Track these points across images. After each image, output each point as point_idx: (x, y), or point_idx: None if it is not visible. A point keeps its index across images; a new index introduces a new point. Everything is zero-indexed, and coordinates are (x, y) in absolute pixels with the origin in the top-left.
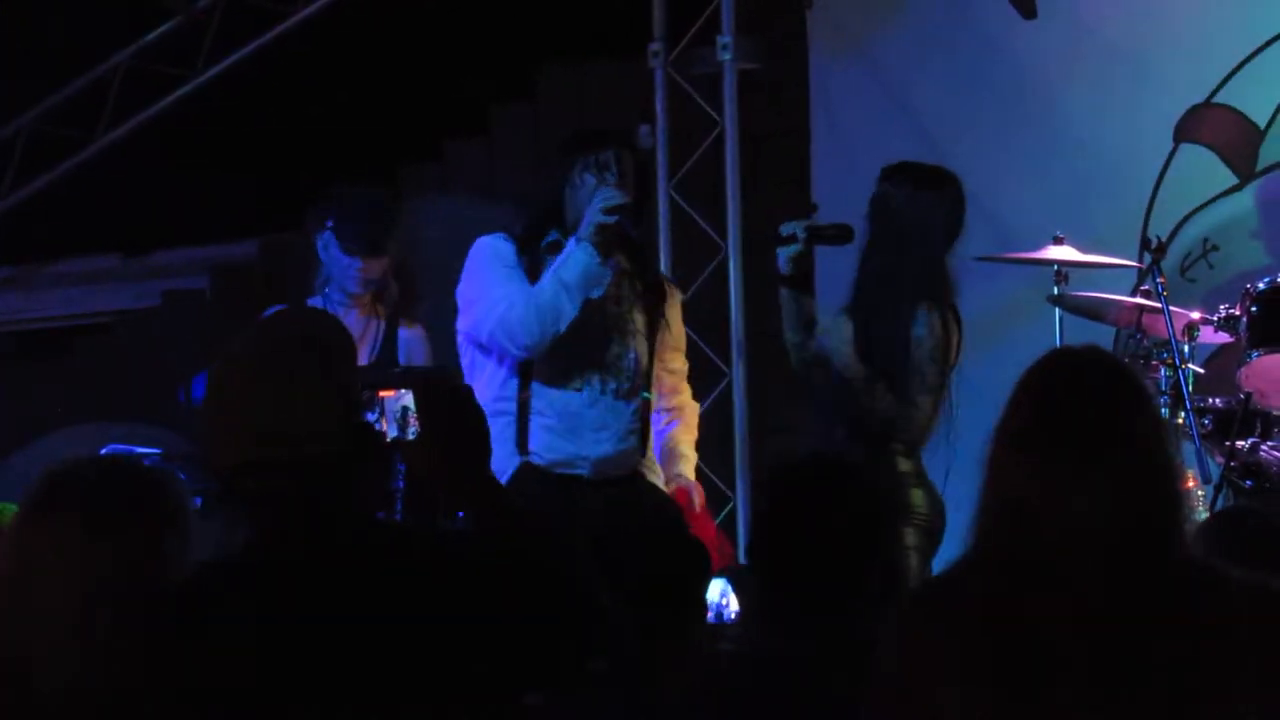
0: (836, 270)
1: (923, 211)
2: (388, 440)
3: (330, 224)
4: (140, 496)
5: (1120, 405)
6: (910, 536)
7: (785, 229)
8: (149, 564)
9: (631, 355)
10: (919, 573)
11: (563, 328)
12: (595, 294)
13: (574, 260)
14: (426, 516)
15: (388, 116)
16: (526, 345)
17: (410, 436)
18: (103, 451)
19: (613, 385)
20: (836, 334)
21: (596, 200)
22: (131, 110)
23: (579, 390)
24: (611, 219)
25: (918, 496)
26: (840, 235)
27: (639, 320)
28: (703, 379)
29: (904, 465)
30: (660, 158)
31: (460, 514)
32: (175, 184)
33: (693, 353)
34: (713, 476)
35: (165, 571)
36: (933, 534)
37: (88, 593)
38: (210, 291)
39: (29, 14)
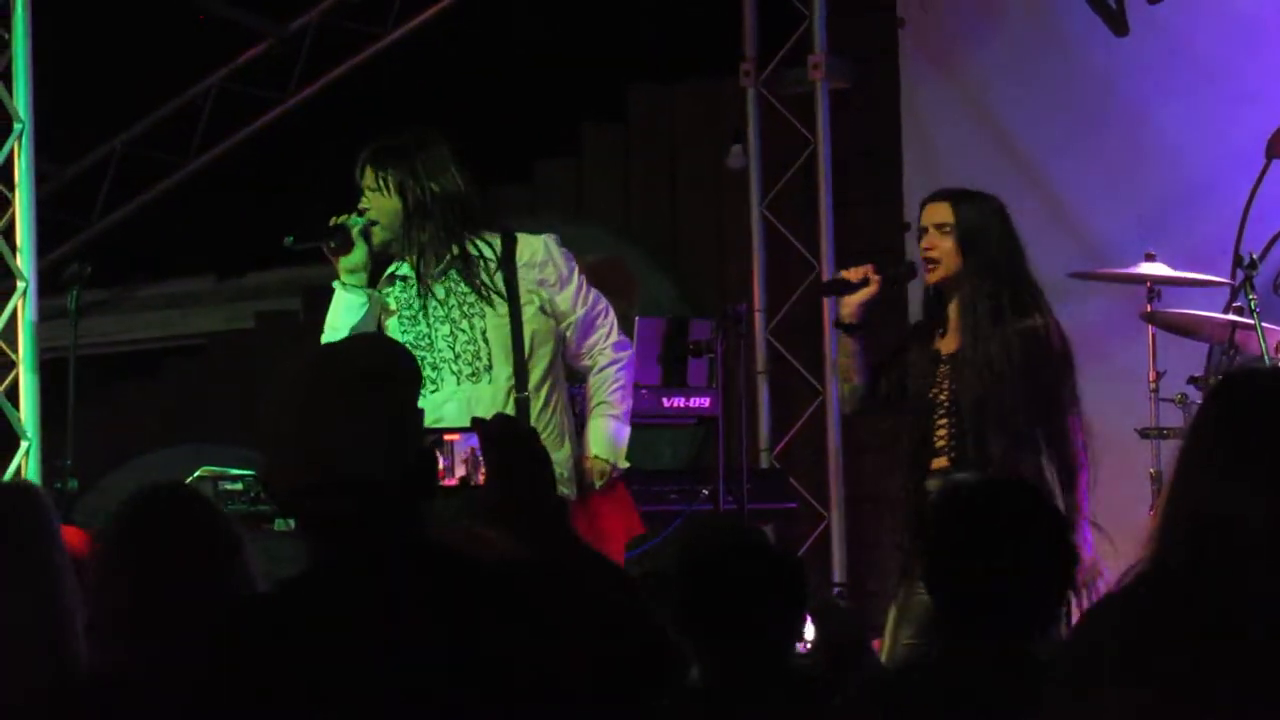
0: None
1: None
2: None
3: None
4: (201, 531)
5: None
6: None
7: (854, 275)
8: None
9: (476, 340)
10: None
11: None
12: (366, 324)
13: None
14: None
15: (478, 137)
16: None
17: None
18: (196, 474)
19: (466, 371)
20: None
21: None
22: (224, 133)
23: (434, 392)
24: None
25: None
26: (910, 273)
27: (481, 309)
28: (796, 397)
29: None
30: (754, 177)
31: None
32: (267, 205)
33: (786, 371)
34: (807, 494)
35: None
36: None
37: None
38: (303, 312)
39: (121, 38)
